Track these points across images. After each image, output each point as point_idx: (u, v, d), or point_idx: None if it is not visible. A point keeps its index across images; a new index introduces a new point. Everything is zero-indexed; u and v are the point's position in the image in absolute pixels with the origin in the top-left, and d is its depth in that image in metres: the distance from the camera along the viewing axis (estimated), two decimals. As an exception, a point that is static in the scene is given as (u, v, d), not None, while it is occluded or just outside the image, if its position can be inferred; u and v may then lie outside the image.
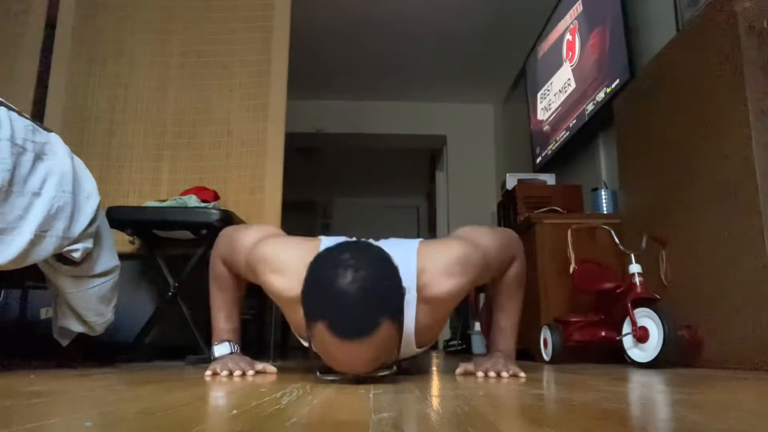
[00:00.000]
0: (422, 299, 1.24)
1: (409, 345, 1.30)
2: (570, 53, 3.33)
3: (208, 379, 1.25)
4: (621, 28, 2.67)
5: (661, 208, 2.12)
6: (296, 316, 1.21)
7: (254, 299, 2.88)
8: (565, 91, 3.39)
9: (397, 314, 1.05)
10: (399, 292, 1.06)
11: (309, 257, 1.08)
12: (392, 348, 1.09)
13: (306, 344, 1.20)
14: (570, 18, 3.33)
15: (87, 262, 1.61)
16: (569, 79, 3.34)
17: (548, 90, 3.72)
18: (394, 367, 1.16)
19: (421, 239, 1.36)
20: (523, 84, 4.32)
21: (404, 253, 1.23)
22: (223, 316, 1.46)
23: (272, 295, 1.31)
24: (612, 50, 2.78)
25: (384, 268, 1.06)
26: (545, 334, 2.26)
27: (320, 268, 1.04)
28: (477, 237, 1.35)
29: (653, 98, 2.20)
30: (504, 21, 4.02)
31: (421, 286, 1.23)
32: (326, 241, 1.28)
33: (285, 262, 1.26)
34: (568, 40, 3.36)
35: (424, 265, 1.24)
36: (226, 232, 1.48)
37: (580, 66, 3.20)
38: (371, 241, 1.25)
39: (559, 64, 3.49)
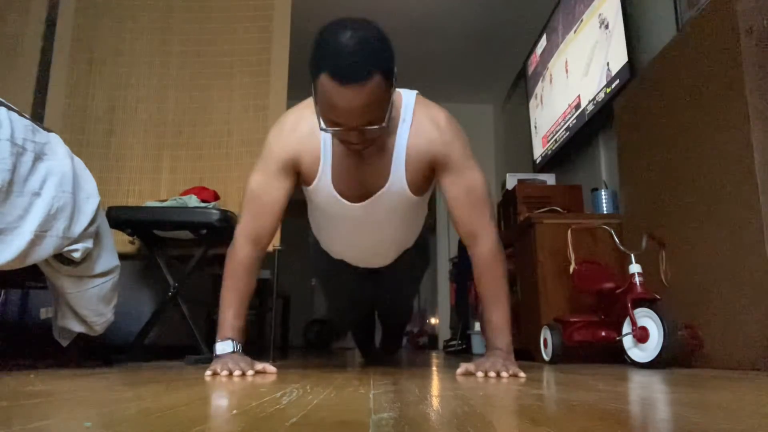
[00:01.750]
0: (416, 123, 1.44)
1: (400, 176, 1.45)
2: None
3: (208, 379, 1.25)
4: (621, 28, 2.67)
5: (661, 208, 2.12)
6: (312, 162, 1.46)
7: (254, 299, 2.88)
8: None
9: (387, 73, 1.22)
10: (391, 54, 1.24)
11: (306, 104, 1.40)
12: (383, 106, 1.25)
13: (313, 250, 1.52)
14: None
15: (87, 262, 1.61)
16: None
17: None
18: (385, 125, 1.28)
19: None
20: (523, 84, 4.32)
21: (405, 91, 1.48)
22: (232, 313, 1.46)
23: (298, 143, 1.46)
24: (612, 50, 2.78)
25: (380, 35, 1.22)
26: (545, 334, 2.26)
27: (325, 31, 1.21)
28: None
29: (653, 98, 2.20)
30: (504, 21, 4.03)
31: (417, 108, 1.45)
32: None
33: (288, 117, 1.50)
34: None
35: (421, 100, 1.48)
36: (245, 199, 1.53)
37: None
38: None
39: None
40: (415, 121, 1.45)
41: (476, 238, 1.48)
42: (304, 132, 1.46)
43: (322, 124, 1.29)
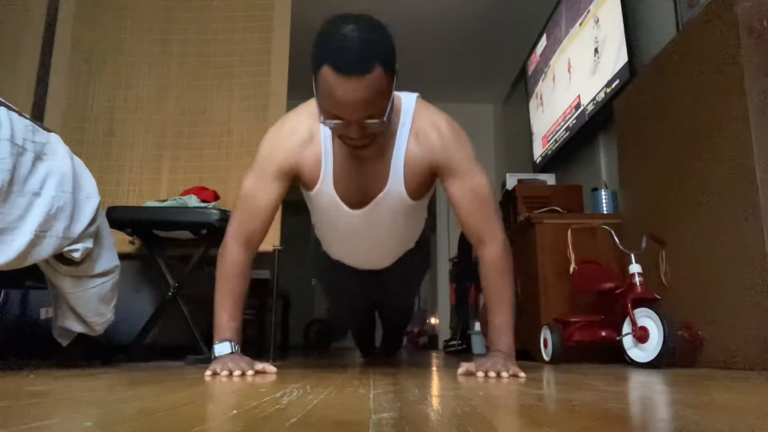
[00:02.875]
0: (414, 130, 1.43)
1: (398, 181, 1.45)
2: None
3: (208, 379, 1.25)
4: (621, 28, 2.67)
5: (661, 208, 2.12)
6: (311, 163, 1.45)
7: (254, 299, 2.88)
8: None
9: (389, 67, 1.22)
10: (392, 48, 1.24)
11: (307, 107, 1.41)
12: (383, 101, 1.24)
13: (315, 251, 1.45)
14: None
15: (87, 262, 1.61)
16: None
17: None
18: (386, 120, 1.28)
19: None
20: (523, 84, 4.32)
21: (405, 94, 1.47)
22: (227, 315, 1.46)
23: (295, 149, 1.45)
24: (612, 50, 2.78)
25: (383, 29, 1.23)
26: (545, 334, 2.26)
27: (327, 25, 1.22)
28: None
29: (653, 98, 2.20)
30: (504, 21, 4.03)
31: (417, 114, 1.43)
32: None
33: (286, 122, 1.49)
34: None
35: (421, 104, 1.48)
36: (235, 208, 1.52)
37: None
38: None
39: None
40: (415, 125, 1.44)
41: (484, 241, 1.47)
42: (303, 136, 1.45)
43: (322, 118, 1.29)
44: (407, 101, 1.46)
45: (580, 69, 3.19)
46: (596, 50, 2.97)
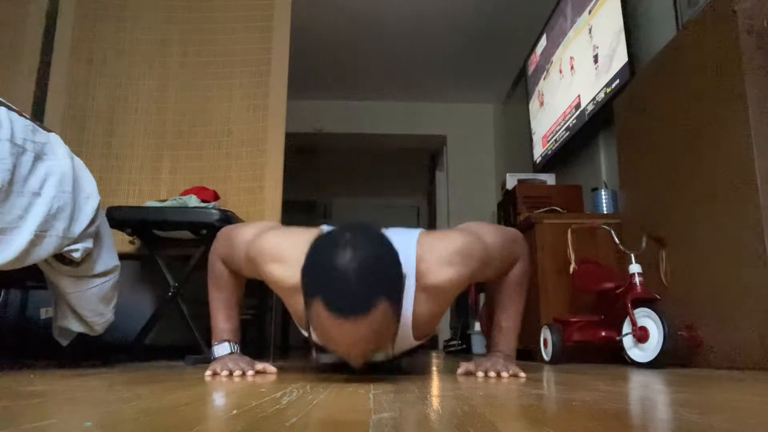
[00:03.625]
0: (420, 287, 1.24)
1: (406, 335, 1.29)
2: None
3: (208, 379, 1.25)
4: (621, 28, 2.67)
5: (661, 208, 2.12)
6: (297, 306, 1.20)
7: (254, 299, 2.87)
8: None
9: (394, 297, 1.04)
10: (398, 274, 1.05)
11: (309, 245, 1.07)
12: (389, 332, 1.07)
13: (306, 334, 1.20)
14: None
15: (87, 262, 1.61)
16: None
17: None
18: (391, 353, 1.15)
19: (422, 229, 1.36)
20: (523, 84, 4.32)
21: (405, 240, 1.23)
22: (222, 317, 1.46)
23: (273, 284, 1.31)
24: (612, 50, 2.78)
25: (384, 250, 1.05)
26: (545, 334, 2.26)
27: (320, 247, 1.03)
28: (480, 231, 1.34)
29: (653, 98, 2.20)
30: (504, 21, 4.02)
31: (420, 274, 1.23)
32: (327, 230, 1.28)
33: (285, 251, 1.26)
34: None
35: (424, 254, 1.24)
36: (224, 232, 1.49)
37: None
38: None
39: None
40: (421, 282, 1.24)
41: (514, 265, 1.45)
42: (296, 285, 1.12)
43: (314, 353, 1.17)
44: (406, 252, 1.19)
45: (581, 69, 3.19)
46: (594, 47, 2.97)
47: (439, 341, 5.10)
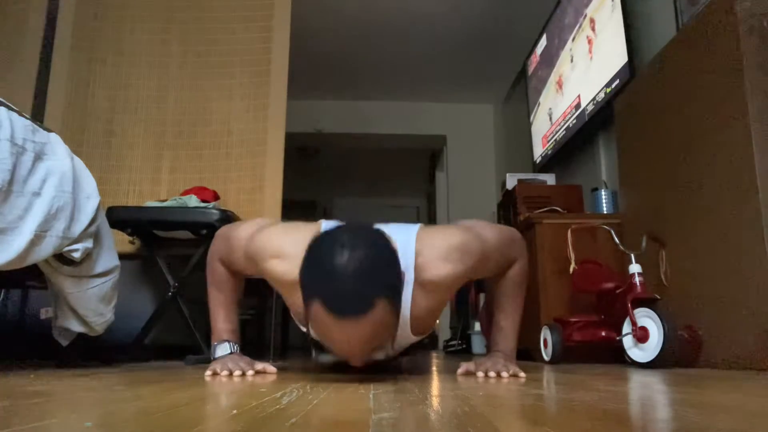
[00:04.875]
0: (419, 283, 1.24)
1: (405, 331, 1.30)
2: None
3: (208, 379, 1.25)
4: (621, 27, 2.67)
5: (661, 208, 2.12)
6: (297, 301, 1.20)
7: (254, 299, 2.88)
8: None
9: (393, 296, 1.04)
10: (396, 273, 1.06)
11: (308, 240, 1.07)
12: (389, 330, 1.08)
13: (305, 329, 1.21)
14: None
15: (87, 262, 1.61)
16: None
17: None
18: (390, 351, 1.15)
19: (421, 224, 1.36)
20: (523, 84, 4.32)
21: (403, 236, 1.24)
22: (221, 317, 1.46)
23: (273, 281, 1.32)
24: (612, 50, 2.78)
25: (382, 249, 1.05)
26: (545, 334, 2.26)
27: (318, 248, 1.03)
28: (479, 228, 1.35)
29: (653, 98, 2.20)
30: (504, 21, 4.03)
31: (418, 269, 1.23)
32: (326, 225, 1.28)
33: (284, 247, 1.26)
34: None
35: (422, 249, 1.24)
36: (222, 232, 1.49)
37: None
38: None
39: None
40: (420, 276, 1.24)
41: (513, 264, 1.46)
42: (294, 281, 1.12)
43: (313, 353, 1.17)
44: (405, 248, 1.20)
45: (581, 68, 3.19)
46: (594, 47, 2.97)
47: (439, 341, 5.11)
